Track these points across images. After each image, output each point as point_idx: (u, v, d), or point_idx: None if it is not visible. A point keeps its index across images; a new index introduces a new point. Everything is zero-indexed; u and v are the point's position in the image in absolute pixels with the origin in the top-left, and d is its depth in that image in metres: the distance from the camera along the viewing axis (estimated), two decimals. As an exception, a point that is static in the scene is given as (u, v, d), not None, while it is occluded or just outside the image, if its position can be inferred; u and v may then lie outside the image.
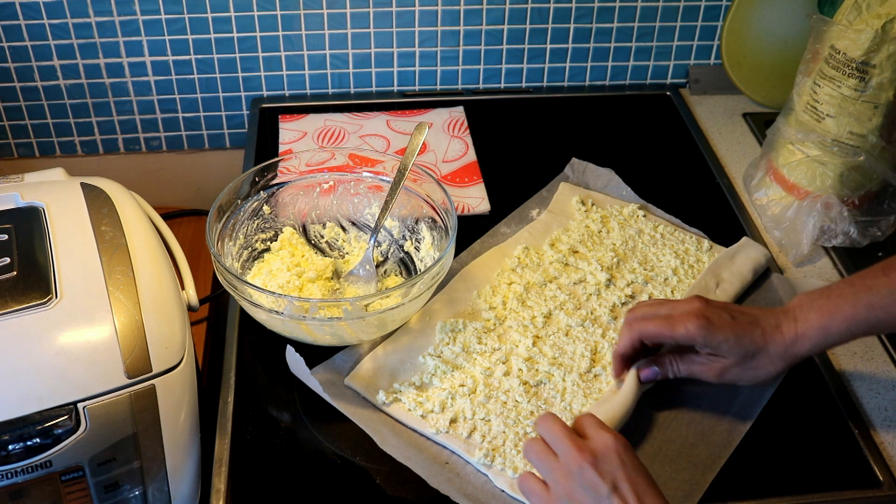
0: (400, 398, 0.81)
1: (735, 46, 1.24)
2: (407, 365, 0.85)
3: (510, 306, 0.91)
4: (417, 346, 0.86)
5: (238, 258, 0.93)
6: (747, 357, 0.76)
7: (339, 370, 0.84)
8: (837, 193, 1.00)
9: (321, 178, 0.99)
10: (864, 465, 0.79)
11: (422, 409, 0.80)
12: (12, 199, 0.85)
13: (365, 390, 0.82)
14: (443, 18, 1.24)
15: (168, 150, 1.33)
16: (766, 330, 0.76)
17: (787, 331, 0.76)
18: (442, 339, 0.87)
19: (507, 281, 0.94)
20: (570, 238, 0.99)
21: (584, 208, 1.04)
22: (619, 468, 0.65)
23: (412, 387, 0.82)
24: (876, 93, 0.94)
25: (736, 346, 0.76)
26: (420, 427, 0.79)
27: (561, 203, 1.05)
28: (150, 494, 0.74)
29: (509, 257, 0.97)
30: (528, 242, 0.99)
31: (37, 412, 0.68)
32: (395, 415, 0.80)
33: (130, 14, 1.18)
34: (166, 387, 0.73)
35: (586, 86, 1.33)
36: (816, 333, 0.75)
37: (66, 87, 1.24)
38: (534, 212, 1.05)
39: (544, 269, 0.95)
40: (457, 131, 1.21)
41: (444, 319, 0.88)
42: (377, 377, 0.83)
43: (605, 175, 1.10)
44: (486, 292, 0.92)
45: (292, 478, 0.78)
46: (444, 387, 0.82)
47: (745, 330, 0.76)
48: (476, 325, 0.88)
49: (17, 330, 0.72)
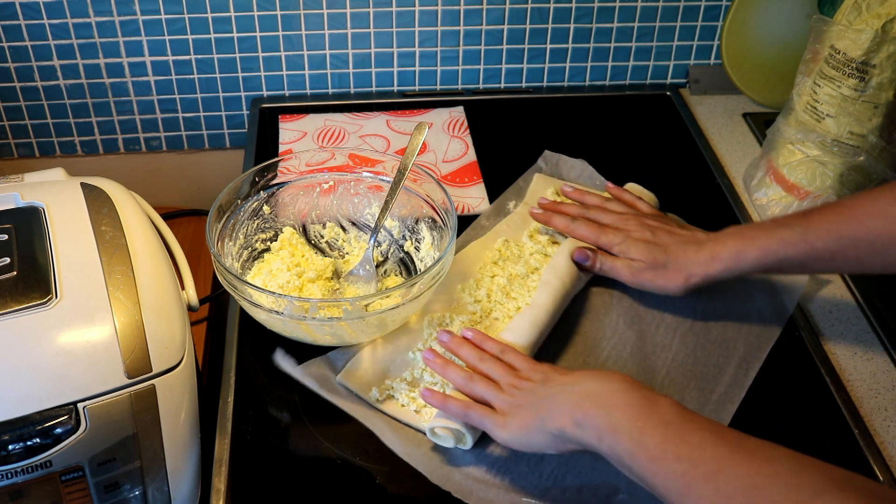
0: (393, 394, 0.82)
1: (735, 46, 1.24)
2: (398, 361, 0.85)
3: (495, 298, 0.91)
4: (406, 342, 0.87)
5: (238, 258, 0.93)
6: (659, 265, 0.88)
7: (331, 367, 0.85)
8: (837, 193, 1.00)
9: (321, 178, 0.99)
10: (864, 465, 0.79)
11: (415, 404, 0.81)
12: (12, 199, 0.85)
13: (357, 388, 0.83)
14: (443, 18, 1.24)
15: (168, 150, 1.33)
16: (680, 247, 0.87)
17: (705, 250, 0.86)
18: (430, 334, 0.87)
19: (489, 274, 0.94)
20: (548, 229, 1.00)
21: (559, 199, 1.04)
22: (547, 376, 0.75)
23: (404, 382, 0.83)
24: (876, 93, 0.94)
25: (647, 252, 0.88)
26: (415, 422, 0.80)
27: (536, 195, 1.06)
28: (150, 494, 0.74)
29: (490, 250, 0.98)
30: (507, 235, 1.00)
31: (37, 412, 0.68)
32: (389, 411, 0.81)
33: (130, 14, 1.18)
34: (166, 387, 0.73)
35: (586, 86, 1.33)
36: (730, 256, 0.84)
37: (66, 87, 1.24)
38: (510, 203, 1.06)
39: (525, 260, 0.96)
40: (457, 131, 1.21)
41: (431, 313, 0.89)
42: (369, 374, 0.84)
43: (579, 165, 1.11)
44: (471, 286, 0.93)
45: (292, 478, 0.78)
46: (435, 381, 0.83)
47: (660, 242, 0.89)
48: (462, 318, 0.89)
49: (17, 330, 0.72)
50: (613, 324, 0.90)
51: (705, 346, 0.88)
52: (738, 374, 0.85)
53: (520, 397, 0.73)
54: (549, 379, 0.73)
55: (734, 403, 0.82)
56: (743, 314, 0.91)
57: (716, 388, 0.83)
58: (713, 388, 0.84)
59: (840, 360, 0.89)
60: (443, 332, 0.82)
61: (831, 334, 0.92)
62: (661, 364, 0.86)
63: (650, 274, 0.88)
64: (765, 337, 0.89)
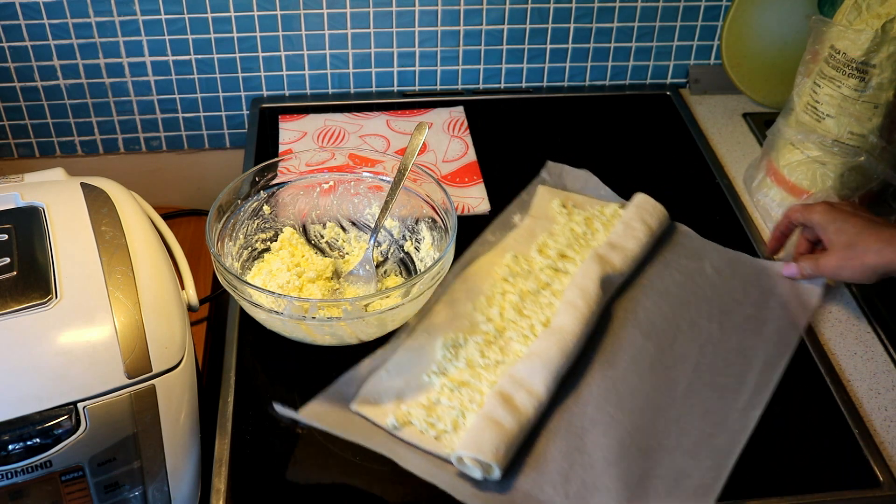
0: (411, 420, 0.79)
1: (735, 46, 1.24)
2: (412, 385, 0.82)
3: (508, 317, 0.89)
4: (420, 364, 0.84)
5: (238, 258, 0.93)
6: (848, 247, 0.87)
7: (343, 397, 0.81)
8: (838, 194, 1.00)
9: (321, 178, 0.99)
10: (864, 465, 0.79)
11: (434, 429, 0.78)
12: (12, 199, 0.85)
13: (373, 415, 0.79)
14: (443, 18, 1.24)
15: (168, 150, 1.33)
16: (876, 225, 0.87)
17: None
18: (444, 356, 0.85)
19: (500, 291, 0.92)
20: (556, 243, 0.98)
21: (565, 211, 1.03)
22: None
23: (421, 407, 0.80)
24: (876, 93, 0.94)
25: (840, 233, 0.88)
26: (436, 449, 0.77)
27: (541, 207, 1.04)
28: (150, 494, 0.74)
29: (499, 266, 0.95)
30: (515, 250, 0.98)
31: (37, 412, 0.68)
32: (408, 439, 0.78)
33: (130, 14, 1.18)
34: (166, 387, 0.73)
35: (586, 86, 1.33)
36: None
37: (66, 87, 1.24)
38: (516, 217, 1.03)
39: (535, 276, 0.94)
40: (457, 131, 1.21)
41: (444, 335, 0.87)
42: (383, 400, 0.81)
43: (583, 176, 1.09)
44: (482, 304, 0.91)
45: (292, 478, 0.77)
46: (454, 405, 0.80)
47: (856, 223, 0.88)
48: (476, 338, 0.86)
49: (17, 330, 0.71)
50: (630, 337, 0.88)
51: (725, 356, 0.86)
52: (761, 382, 0.84)
53: None
54: None
55: (758, 409, 0.81)
56: (760, 322, 0.90)
57: (739, 397, 0.82)
58: (736, 396, 0.82)
59: (840, 360, 0.89)
60: None
61: (831, 334, 0.92)
62: (682, 375, 0.84)
63: (837, 260, 0.89)
64: (784, 344, 0.88)
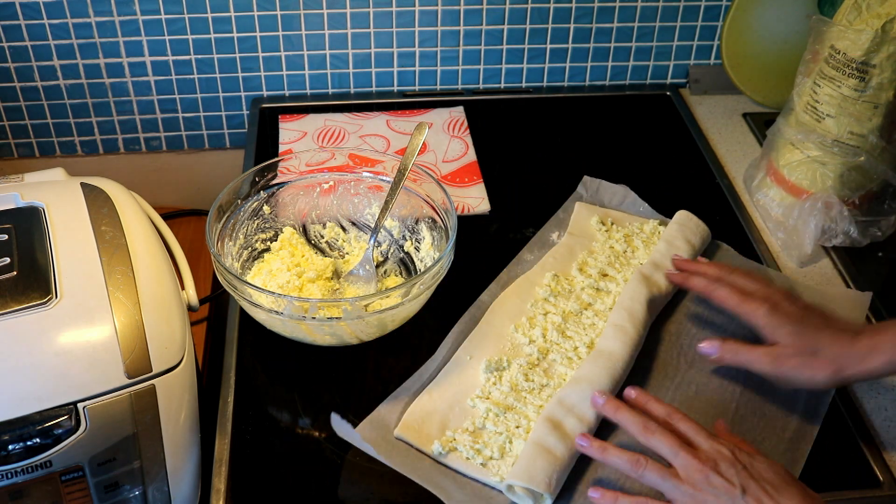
0: (456, 447, 0.77)
1: (735, 46, 1.24)
2: (456, 410, 0.80)
3: (550, 338, 0.87)
4: (464, 389, 0.82)
5: (238, 258, 0.93)
6: (807, 352, 0.76)
7: (386, 423, 0.79)
8: (838, 193, 1.00)
9: (321, 178, 0.99)
10: (865, 465, 0.79)
11: (481, 456, 0.76)
12: (12, 199, 0.85)
13: (418, 441, 0.77)
14: (443, 18, 1.24)
15: (168, 150, 1.33)
16: (836, 332, 0.76)
17: (862, 342, 0.75)
18: (488, 380, 0.83)
19: (541, 311, 0.90)
20: (596, 261, 0.96)
21: (604, 228, 1.00)
22: (741, 470, 0.67)
23: (466, 433, 0.78)
24: (876, 93, 0.94)
25: (795, 336, 0.77)
26: (483, 477, 0.75)
27: (580, 224, 1.01)
28: (150, 494, 0.74)
29: (539, 286, 0.93)
30: (555, 269, 0.95)
31: (37, 412, 0.68)
32: (454, 466, 0.76)
33: (130, 14, 1.18)
34: (166, 387, 0.73)
35: (586, 86, 1.33)
36: (892, 346, 0.74)
37: (66, 87, 1.24)
38: (554, 235, 1.01)
39: (577, 295, 0.92)
40: (457, 131, 1.21)
41: (487, 358, 0.84)
42: (427, 426, 0.79)
43: (621, 192, 1.06)
44: (524, 325, 0.88)
45: (292, 478, 0.78)
46: (500, 430, 0.78)
47: (811, 324, 0.77)
48: (520, 361, 0.84)
49: (17, 330, 0.72)
50: (675, 363, 0.86)
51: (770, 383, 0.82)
52: (809, 409, 0.81)
53: (709, 496, 0.66)
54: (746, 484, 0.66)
55: (808, 443, 0.79)
56: None
57: (787, 426, 0.80)
58: (784, 425, 0.80)
59: (840, 360, 0.89)
60: (597, 395, 0.75)
61: (831, 334, 0.92)
62: (731, 399, 0.82)
63: (796, 361, 0.77)
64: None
